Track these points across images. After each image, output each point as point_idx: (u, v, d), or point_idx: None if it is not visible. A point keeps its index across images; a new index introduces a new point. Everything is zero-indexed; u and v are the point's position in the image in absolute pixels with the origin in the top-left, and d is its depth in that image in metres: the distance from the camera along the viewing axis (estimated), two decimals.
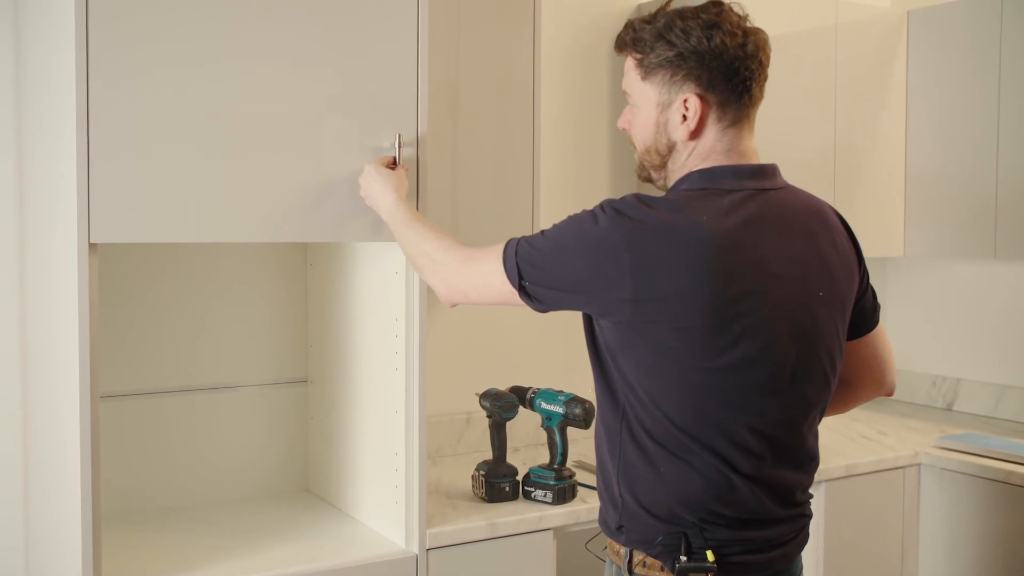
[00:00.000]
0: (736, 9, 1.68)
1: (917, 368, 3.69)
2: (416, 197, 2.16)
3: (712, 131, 1.67)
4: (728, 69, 1.63)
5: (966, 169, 3.22)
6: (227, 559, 2.13)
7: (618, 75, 3.21)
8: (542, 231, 1.70)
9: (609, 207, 1.61)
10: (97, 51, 1.83)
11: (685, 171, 1.68)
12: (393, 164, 2.12)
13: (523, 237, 1.71)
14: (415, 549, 2.20)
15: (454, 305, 1.86)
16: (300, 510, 2.50)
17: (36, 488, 2.22)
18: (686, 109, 1.65)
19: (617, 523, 1.71)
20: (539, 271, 1.66)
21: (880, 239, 3.36)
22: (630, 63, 1.72)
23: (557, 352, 3.12)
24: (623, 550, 1.70)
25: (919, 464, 2.97)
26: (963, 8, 3.23)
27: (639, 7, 3.22)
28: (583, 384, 2.87)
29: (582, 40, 3.14)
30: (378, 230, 2.12)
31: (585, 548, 2.17)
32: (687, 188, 1.66)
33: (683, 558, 1.62)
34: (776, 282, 1.59)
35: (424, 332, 2.17)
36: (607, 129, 3.20)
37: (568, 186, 3.14)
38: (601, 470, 1.75)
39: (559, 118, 3.11)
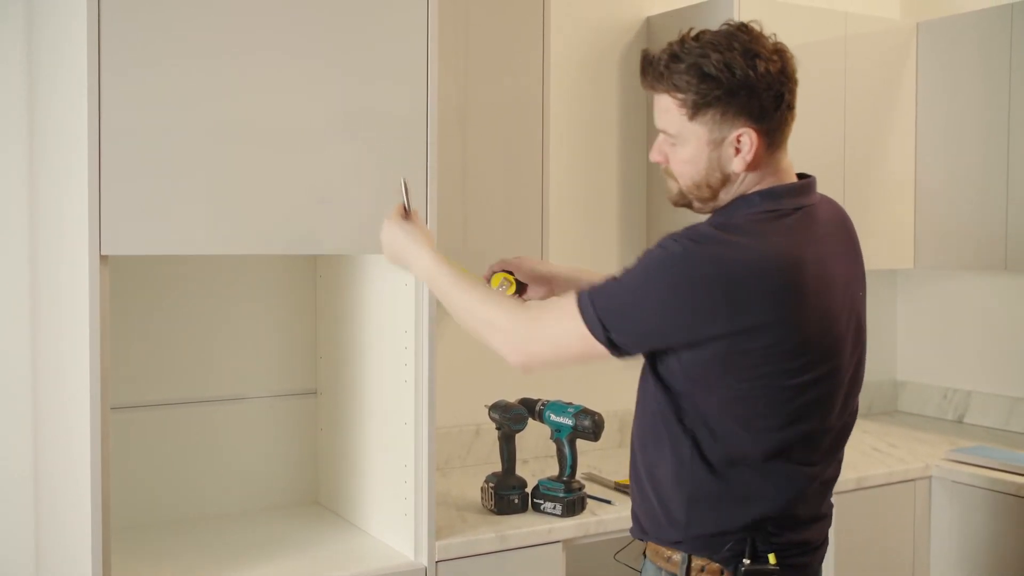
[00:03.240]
0: (760, 29, 1.67)
1: (928, 380, 3.68)
2: (426, 210, 2.17)
3: (764, 156, 1.66)
4: (776, 97, 1.64)
5: (976, 181, 3.21)
6: (236, 571, 2.13)
7: (626, 88, 3.21)
8: (613, 277, 1.66)
9: (686, 240, 1.60)
10: (109, 64, 1.84)
11: (738, 194, 1.68)
12: (405, 213, 2.00)
13: (591, 289, 1.66)
14: (424, 561, 2.19)
15: (529, 371, 1.77)
16: (309, 522, 2.50)
17: (46, 499, 2.22)
18: (739, 143, 1.64)
19: (675, 539, 1.72)
20: (626, 319, 1.62)
21: (890, 251, 3.35)
22: (669, 103, 1.66)
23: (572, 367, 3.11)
24: (678, 555, 1.72)
25: (930, 477, 2.95)
26: (973, 19, 3.23)
27: (648, 20, 3.22)
28: (592, 396, 2.87)
29: (591, 53, 3.15)
30: None
31: (614, 559, 2.13)
32: (751, 211, 1.66)
33: (746, 561, 1.65)
34: (837, 298, 1.65)
35: (433, 344, 2.18)
36: (616, 142, 3.20)
37: (577, 199, 3.14)
38: (657, 494, 1.74)
39: (568, 131, 3.11)
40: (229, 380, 2.57)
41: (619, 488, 2.66)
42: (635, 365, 2.57)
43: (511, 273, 2.10)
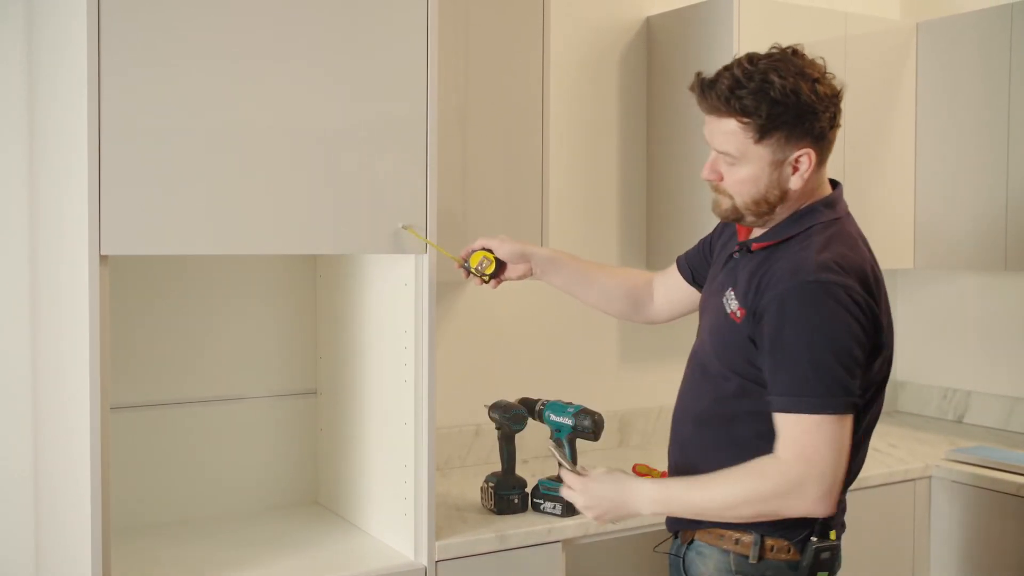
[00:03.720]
0: (807, 52, 1.76)
1: (927, 380, 3.68)
2: (426, 213, 2.17)
3: (815, 171, 1.77)
4: (832, 118, 1.73)
5: (976, 180, 3.21)
6: (236, 571, 2.13)
7: (626, 88, 3.21)
8: (781, 364, 1.68)
9: (810, 274, 1.67)
10: (109, 64, 1.84)
11: (795, 207, 1.79)
12: (573, 471, 1.90)
13: (787, 391, 1.67)
14: (424, 561, 2.19)
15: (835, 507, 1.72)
16: (309, 522, 2.50)
17: (46, 499, 2.22)
18: (798, 163, 1.73)
19: (754, 522, 1.77)
20: (847, 374, 1.66)
21: (890, 251, 3.35)
22: (733, 126, 1.72)
23: (566, 364, 3.12)
24: (748, 537, 1.78)
25: (930, 477, 2.96)
26: (972, 19, 3.23)
27: (647, 20, 3.22)
28: (592, 396, 2.87)
29: (591, 53, 3.15)
30: (388, 242, 2.13)
31: (654, 551, 2.10)
32: (817, 221, 1.77)
33: (814, 539, 1.77)
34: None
35: (433, 344, 2.18)
36: (616, 142, 3.20)
37: (577, 200, 3.14)
38: None
39: (568, 131, 3.11)
40: (229, 380, 2.57)
41: None
42: (635, 364, 2.57)
43: (491, 251, 2.14)
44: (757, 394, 1.75)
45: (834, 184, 1.86)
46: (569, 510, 2.40)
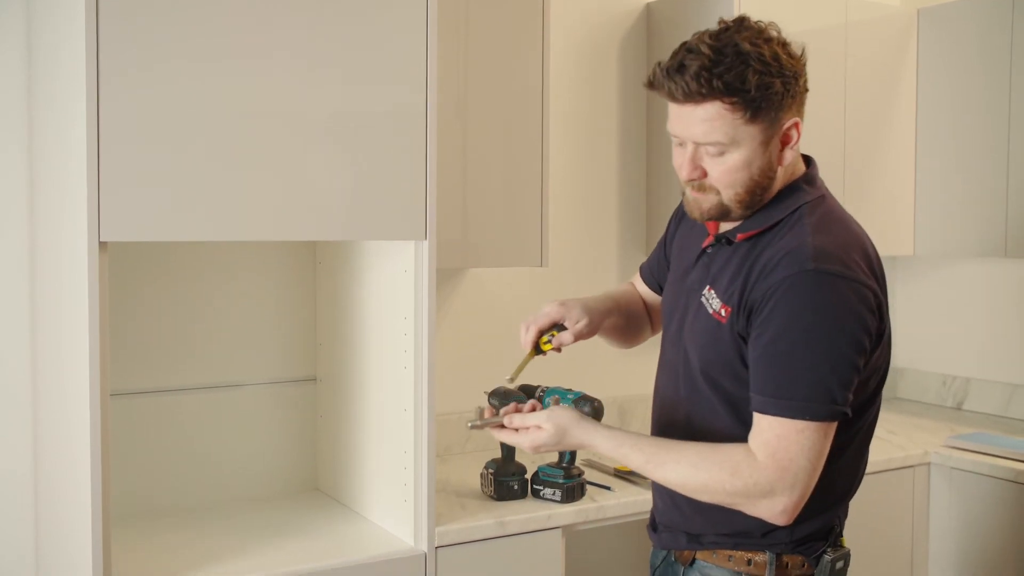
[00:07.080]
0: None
1: (927, 367, 3.68)
2: (426, 200, 2.16)
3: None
4: (806, 82, 1.61)
5: (976, 167, 3.21)
6: (236, 558, 2.14)
7: (626, 75, 3.21)
8: (769, 359, 1.53)
9: (827, 268, 1.52)
10: (107, 51, 1.83)
11: (777, 188, 1.64)
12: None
13: (768, 394, 1.53)
14: (424, 547, 2.20)
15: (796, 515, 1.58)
16: (309, 508, 2.51)
17: (46, 487, 2.23)
18: (788, 135, 1.60)
19: (770, 543, 1.66)
20: (847, 382, 1.52)
21: (890, 238, 3.35)
22: (718, 110, 1.53)
23: (566, 350, 3.11)
24: (763, 556, 1.67)
25: (929, 463, 2.96)
26: (973, 5, 3.22)
27: (647, 6, 3.21)
28: (592, 382, 2.87)
29: (591, 40, 3.14)
30: (387, 228, 2.12)
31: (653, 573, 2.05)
32: (809, 201, 1.63)
33: (828, 551, 1.69)
34: None
35: (433, 330, 2.18)
36: (616, 134, 3.20)
37: (577, 192, 3.14)
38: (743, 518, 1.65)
39: (568, 119, 3.10)
40: (228, 367, 2.57)
41: (618, 475, 2.67)
42: (635, 351, 2.57)
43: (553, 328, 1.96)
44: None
45: (807, 159, 1.71)
46: (568, 496, 2.41)
